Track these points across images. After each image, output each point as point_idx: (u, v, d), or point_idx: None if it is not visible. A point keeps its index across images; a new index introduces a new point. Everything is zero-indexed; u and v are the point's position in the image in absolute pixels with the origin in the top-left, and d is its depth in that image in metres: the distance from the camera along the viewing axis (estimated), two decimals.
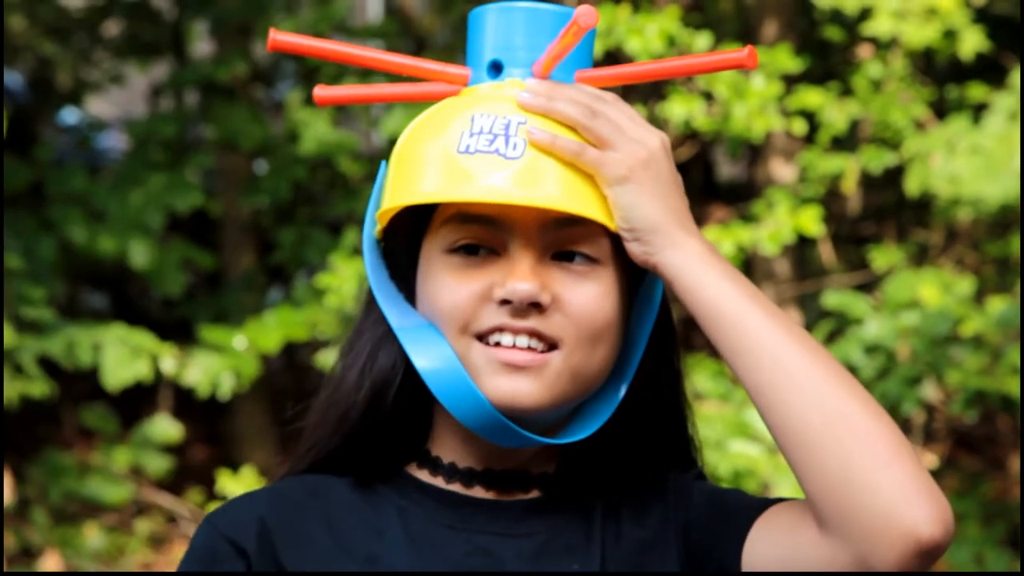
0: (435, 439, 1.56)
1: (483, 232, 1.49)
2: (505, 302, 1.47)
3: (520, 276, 1.47)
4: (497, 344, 1.48)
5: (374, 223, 1.57)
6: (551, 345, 1.48)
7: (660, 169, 1.48)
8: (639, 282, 1.55)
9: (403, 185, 1.52)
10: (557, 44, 1.49)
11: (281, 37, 1.53)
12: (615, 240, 1.50)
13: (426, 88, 1.57)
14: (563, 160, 1.47)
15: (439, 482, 1.54)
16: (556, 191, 1.47)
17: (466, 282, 1.49)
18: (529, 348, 1.48)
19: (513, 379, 1.47)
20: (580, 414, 1.54)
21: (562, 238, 1.49)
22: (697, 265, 1.46)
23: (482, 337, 1.49)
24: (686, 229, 1.47)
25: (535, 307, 1.47)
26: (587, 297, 1.49)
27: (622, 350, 1.54)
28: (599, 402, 1.54)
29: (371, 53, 1.57)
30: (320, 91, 1.58)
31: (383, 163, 1.58)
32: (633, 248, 1.47)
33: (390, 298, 1.54)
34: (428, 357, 1.49)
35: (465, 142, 1.48)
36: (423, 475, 1.55)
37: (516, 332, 1.48)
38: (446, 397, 1.48)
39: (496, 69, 1.54)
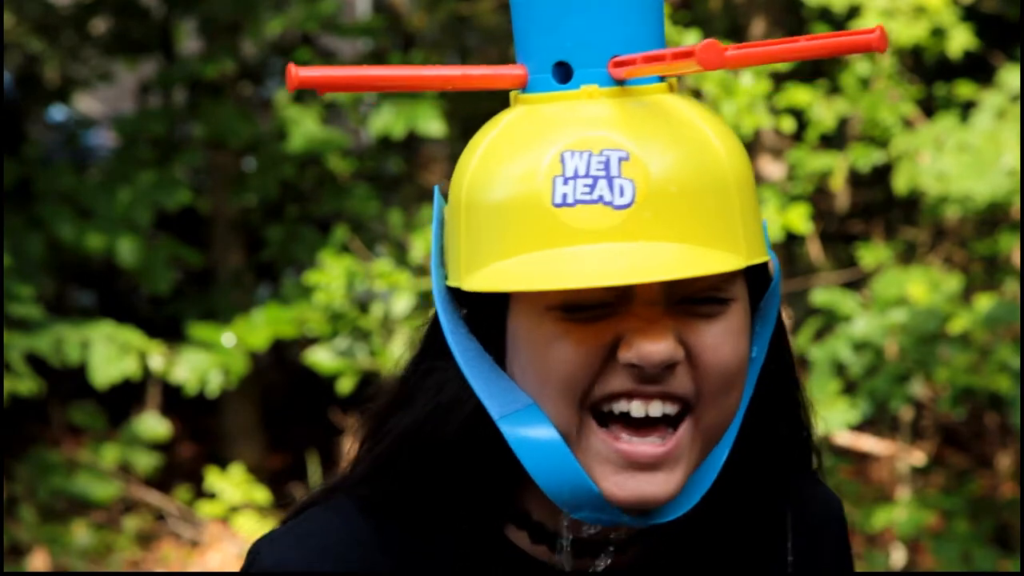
0: (524, 487, 1.35)
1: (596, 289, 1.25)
2: (632, 365, 1.26)
3: (652, 336, 1.25)
4: (623, 417, 1.27)
5: (442, 270, 1.33)
6: (683, 404, 1.29)
7: None
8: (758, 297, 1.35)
9: (488, 245, 1.27)
10: (651, 63, 1.25)
11: (304, 73, 1.27)
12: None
13: (470, 71, 1.30)
14: (683, 187, 1.25)
15: (531, 546, 1.36)
16: (682, 247, 1.24)
17: (582, 341, 1.26)
18: (659, 427, 1.28)
19: (640, 478, 1.27)
20: None
21: (692, 285, 1.27)
22: None
23: (600, 405, 1.28)
24: None
25: (668, 368, 1.27)
26: (722, 343, 1.28)
27: None
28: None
29: (408, 71, 1.30)
30: (300, 71, 1.27)
31: (436, 189, 1.35)
32: None
33: (481, 373, 1.30)
34: (540, 460, 1.28)
35: (560, 191, 1.24)
36: (521, 539, 1.36)
37: (648, 398, 1.27)
38: (559, 496, 1.28)
39: (563, 69, 1.29)
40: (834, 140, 5.71)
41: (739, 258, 1.27)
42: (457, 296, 1.32)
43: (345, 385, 5.42)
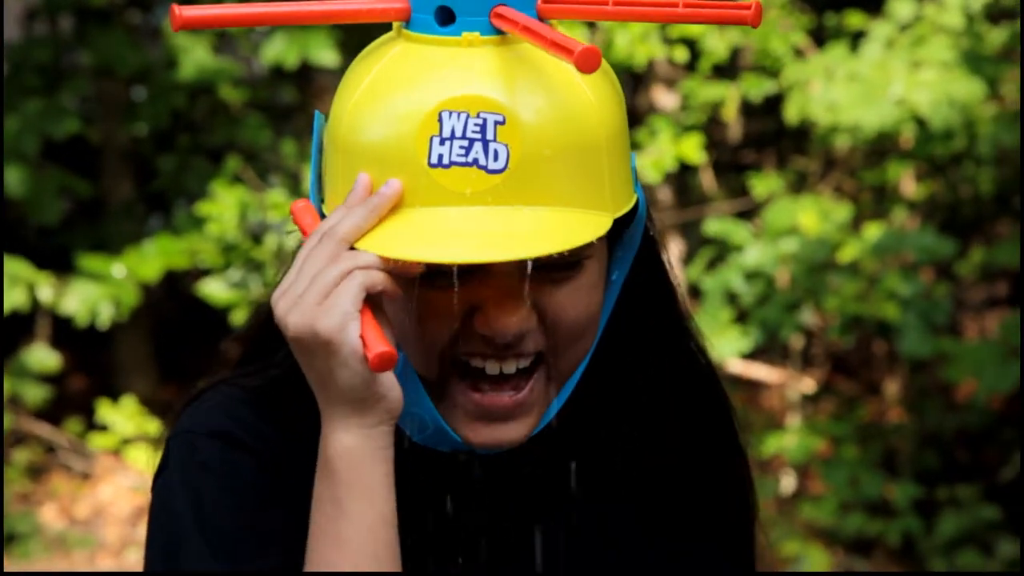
0: None
1: None
2: (485, 335, 1.33)
3: (506, 309, 1.31)
4: (480, 372, 1.34)
5: (319, 195, 1.41)
6: (535, 356, 1.36)
7: None
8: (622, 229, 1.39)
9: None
10: (529, 36, 1.27)
11: (188, 13, 1.28)
12: None
13: (353, 6, 1.34)
14: (556, 150, 1.29)
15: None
16: (549, 214, 1.28)
17: (440, 308, 1.32)
18: (514, 379, 1.35)
19: (495, 426, 1.36)
20: None
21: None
22: None
23: (459, 359, 1.35)
24: None
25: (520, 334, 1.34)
26: (572, 303, 1.35)
27: None
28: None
29: (294, 7, 1.33)
30: (184, 11, 1.29)
31: (317, 115, 1.40)
32: None
33: None
34: (410, 415, 1.36)
35: (436, 151, 1.28)
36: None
37: (502, 359, 1.34)
38: (421, 436, 1.38)
39: (445, 12, 1.31)
40: (726, 70, 5.73)
41: (604, 217, 1.31)
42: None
43: (238, 316, 5.39)
